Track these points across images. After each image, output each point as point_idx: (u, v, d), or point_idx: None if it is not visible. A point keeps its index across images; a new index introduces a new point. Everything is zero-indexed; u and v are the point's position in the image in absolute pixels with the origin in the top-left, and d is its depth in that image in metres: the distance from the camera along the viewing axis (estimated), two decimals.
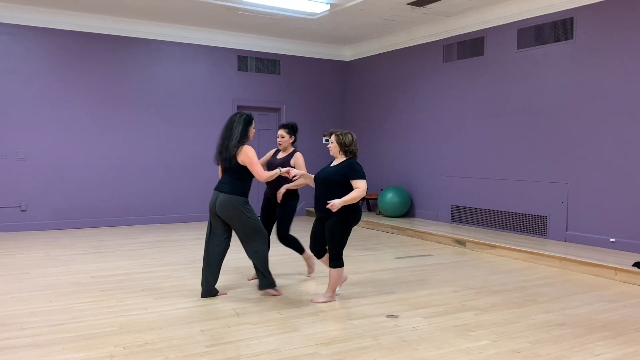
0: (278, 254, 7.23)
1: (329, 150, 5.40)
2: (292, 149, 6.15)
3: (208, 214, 5.43)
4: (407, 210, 11.05)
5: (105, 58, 10.26)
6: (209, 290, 5.44)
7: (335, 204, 4.98)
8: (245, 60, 11.67)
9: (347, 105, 12.95)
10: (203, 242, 8.72)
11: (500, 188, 9.39)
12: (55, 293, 5.60)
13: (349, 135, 5.32)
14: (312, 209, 8.09)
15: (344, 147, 5.29)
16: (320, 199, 5.20)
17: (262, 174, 5.29)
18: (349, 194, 5.07)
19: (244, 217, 5.28)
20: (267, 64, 11.93)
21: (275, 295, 5.52)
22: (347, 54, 12.85)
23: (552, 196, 8.60)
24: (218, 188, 5.37)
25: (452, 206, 10.29)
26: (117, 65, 10.37)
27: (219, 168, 5.49)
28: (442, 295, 5.69)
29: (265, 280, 5.50)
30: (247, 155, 5.23)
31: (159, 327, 4.54)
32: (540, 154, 8.79)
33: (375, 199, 11.77)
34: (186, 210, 11.09)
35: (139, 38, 10.54)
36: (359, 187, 5.10)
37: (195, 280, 6.13)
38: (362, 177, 5.17)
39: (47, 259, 7.29)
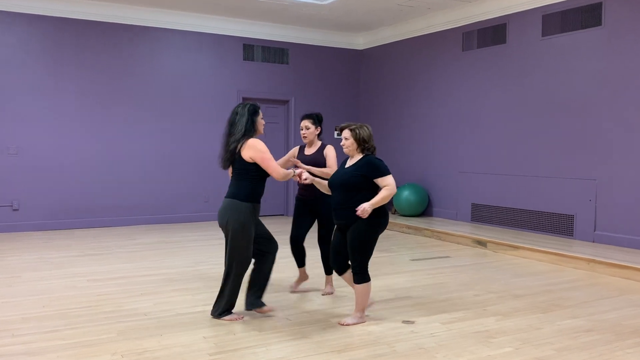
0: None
1: (342, 149, 4.97)
2: (319, 142, 5.82)
3: (216, 221, 5.11)
4: (424, 209, 11.03)
5: (102, 48, 10.29)
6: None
7: (365, 208, 4.55)
8: (251, 49, 11.67)
9: (360, 97, 12.94)
10: (207, 243, 8.76)
11: (524, 185, 9.35)
12: (49, 298, 5.61)
13: (365, 129, 4.86)
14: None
15: (362, 144, 4.83)
16: (340, 206, 4.78)
17: (278, 170, 4.79)
18: (377, 195, 4.65)
19: (239, 234, 4.76)
20: (274, 53, 11.93)
21: (234, 319, 4.92)
22: (360, 42, 12.83)
23: (580, 194, 8.55)
24: (227, 193, 4.94)
25: (472, 204, 10.26)
26: (114, 55, 10.40)
27: (229, 173, 5.06)
28: (461, 300, 5.68)
29: (220, 305, 4.96)
30: (257, 149, 4.73)
31: (159, 334, 4.55)
32: (567, 149, 8.75)
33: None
34: (189, 210, 11.12)
35: (138, 26, 10.56)
36: (388, 185, 4.67)
37: (198, 284, 6.15)
38: (387, 172, 4.75)
39: (41, 262, 7.32)
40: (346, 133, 4.89)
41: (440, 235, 9.37)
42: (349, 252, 4.78)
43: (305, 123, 5.79)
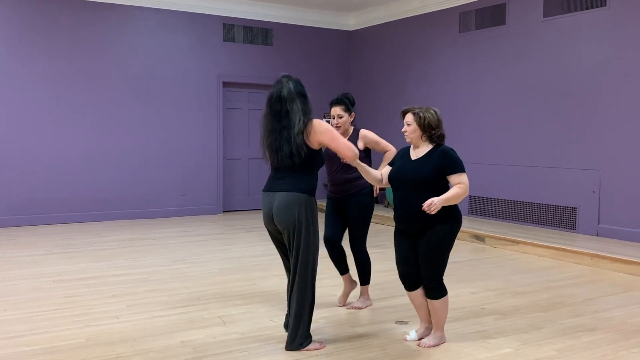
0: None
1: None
2: (351, 128, 5.33)
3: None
4: None
5: (70, 27, 10.17)
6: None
7: (435, 202, 4.06)
8: (232, 29, 11.62)
9: (350, 82, 12.92)
10: (185, 240, 8.74)
11: (524, 176, 9.38)
12: (12, 300, 5.57)
13: (432, 113, 4.38)
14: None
15: (428, 130, 4.36)
16: (410, 207, 4.28)
17: (354, 148, 4.26)
18: (450, 191, 4.20)
19: (309, 227, 4.22)
20: (257, 33, 11.88)
21: (317, 349, 4.34)
22: (351, 22, 12.81)
23: (583, 185, 8.59)
24: (272, 187, 4.29)
25: (470, 197, 10.28)
26: (83, 35, 10.28)
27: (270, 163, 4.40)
28: (458, 298, 5.68)
29: (298, 334, 4.30)
30: (324, 130, 4.19)
31: (132, 339, 4.53)
32: (569, 138, 8.78)
33: (383, 190, 11.77)
34: (165, 204, 11.09)
35: (108, 3, 10.45)
36: (462, 183, 4.25)
37: (175, 285, 6.13)
38: (463, 168, 4.32)
39: (3, 261, 7.26)
40: (409, 117, 4.40)
41: None
42: (424, 262, 4.32)
43: (337, 111, 5.26)
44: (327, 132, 4.18)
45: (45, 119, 10.05)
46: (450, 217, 4.27)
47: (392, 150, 5.25)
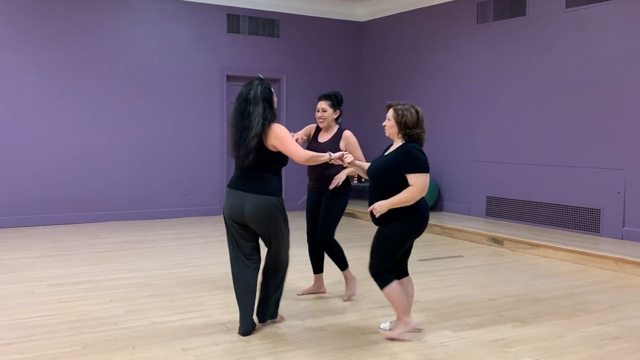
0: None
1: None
2: (336, 126, 5.79)
3: (224, 223, 4.99)
4: (433, 203, 11.03)
5: (64, 15, 10.17)
6: (251, 325, 4.87)
7: (381, 205, 4.49)
8: (237, 20, 11.63)
9: (361, 76, 12.91)
10: (184, 242, 8.76)
11: (545, 176, 9.36)
12: (4, 306, 5.59)
13: (412, 112, 4.64)
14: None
15: (404, 128, 4.63)
16: (370, 202, 4.65)
17: (301, 154, 4.68)
18: (399, 194, 4.47)
19: (283, 226, 4.82)
20: (263, 24, 11.90)
21: (280, 321, 5.13)
22: (361, 13, 12.81)
23: (607, 185, 8.57)
24: (239, 186, 4.76)
25: (488, 197, 10.27)
26: (78, 24, 10.28)
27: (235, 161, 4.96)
28: (474, 305, 5.70)
29: (272, 309, 5.07)
30: (277, 135, 4.64)
31: (131, 346, 4.55)
32: (593, 136, 8.75)
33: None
34: (166, 204, 11.11)
35: None
36: (413, 185, 4.46)
37: (176, 289, 6.14)
38: (421, 168, 4.51)
39: None
40: (389, 113, 4.72)
41: (452, 232, 9.40)
42: (370, 253, 4.71)
43: (322, 105, 5.74)
44: (279, 136, 4.62)
45: (37, 114, 10.04)
46: (407, 217, 4.55)
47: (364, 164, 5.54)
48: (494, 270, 7.23)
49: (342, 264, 5.83)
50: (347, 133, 5.70)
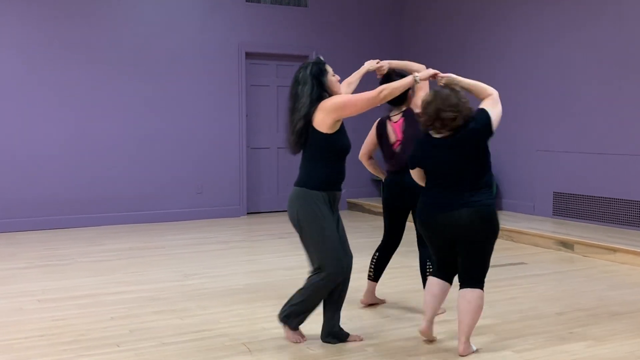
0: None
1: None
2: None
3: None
4: None
5: None
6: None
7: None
8: None
9: (402, 50, 12.84)
10: (200, 249, 8.82)
11: (624, 168, 9.24)
12: None
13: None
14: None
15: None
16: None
17: (371, 94, 4.74)
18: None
19: (314, 226, 4.81)
20: None
21: (293, 340, 5.09)
22: None
23: None
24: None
25: (555, 194, 10.19)
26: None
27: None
28: (540, 320, 5.67)
29: (288, 313, 5.04)
30: (330, 106, 4.73)
31: None
32: None
33: None
34: (175, 205, 11.17)
35: None
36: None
37: (188, 304, 6.17)
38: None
39: None
40: None
41: (512, 235, 9.36)
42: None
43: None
44: (334, 104, 4.70)
45: (27, 102, 10.12)
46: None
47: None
48: (563, 279, 7.19)
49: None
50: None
